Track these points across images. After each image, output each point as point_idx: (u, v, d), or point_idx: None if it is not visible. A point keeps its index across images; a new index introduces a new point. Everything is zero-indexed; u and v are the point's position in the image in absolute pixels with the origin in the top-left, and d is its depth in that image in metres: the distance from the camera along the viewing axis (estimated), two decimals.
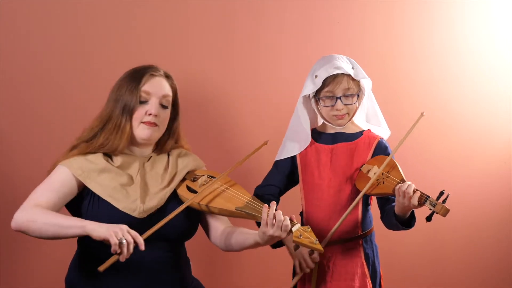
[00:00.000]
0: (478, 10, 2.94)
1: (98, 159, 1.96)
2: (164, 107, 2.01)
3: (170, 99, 2.04)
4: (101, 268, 1.69)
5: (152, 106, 1.97)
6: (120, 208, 1.89)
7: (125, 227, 1.74)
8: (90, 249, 1.94)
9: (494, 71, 2.97)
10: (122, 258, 1.71)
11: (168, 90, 2.03)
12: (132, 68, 2.05)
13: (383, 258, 2.24)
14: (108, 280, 1.92)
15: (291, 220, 1.82)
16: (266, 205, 1.83)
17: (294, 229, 1.80)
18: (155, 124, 1.98)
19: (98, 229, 1.73)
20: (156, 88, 2.00)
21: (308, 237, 1.80)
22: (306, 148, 2.19)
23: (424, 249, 2.96)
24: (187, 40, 2.68)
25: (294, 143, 2.21)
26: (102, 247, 1.90)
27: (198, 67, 2.69)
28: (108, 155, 2.00)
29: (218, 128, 2.72)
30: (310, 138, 2.19)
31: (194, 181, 2.03)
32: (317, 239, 1.80)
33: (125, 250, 1.70)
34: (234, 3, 2.71)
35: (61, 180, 1.92)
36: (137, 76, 2.00)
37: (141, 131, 1.98)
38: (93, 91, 2.48)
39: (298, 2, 2.77)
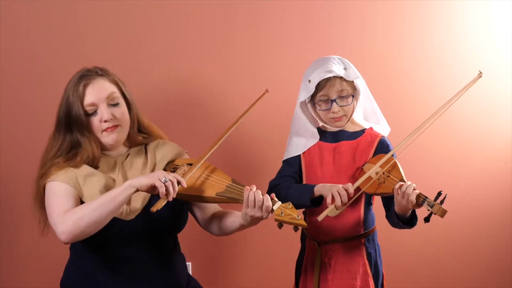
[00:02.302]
0: (478, 10, 2.93)
1: (82, 166, 1.94)
2: (114, 105, 1.95)
3: (116, 94, 1.96)
4: (154, 208, 1.75)
5: (103, 112, 1.92)
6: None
7: (161, 171, 1.84)
8: (82, 253, 1.95)
9: (494, 71, 2.97)
10: (169, 198, 1.77)
11: (109, 88, 1.95)
12: (67, 83, 1.98)
13: (385, 257, 2.24)
14: (102, 282, 1.92)
15: (271, 199, 1.82)
16: (247, 186, 1.83)
17: (275, 207, 1.80)
18: (115, 126, 1.95)
19: (141, 180, 1.78)
20: (96, 93, 1.92)
21: (290, 213, 1.80)
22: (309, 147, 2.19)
23: (425, 249, 2.95)
24: (187, 40, 2.68)
25: (302, 139, 2.21)
26: (95, 250, 1.91)
27: (198, 67, 2.69)
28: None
29: (218, 128, 2.72)
30: (318, 136, 2.19)
31: (174, 171, 2.01)
32: (299, 215, 1.79)
33: (170, 189, 1.77)
34: (234, 3, 2.71)
35: (64, 190, 1.88)
36: (74, 92, 1.92)
37: (106, 138, 1.95)
38: None
39: (298, 2, 2.77)
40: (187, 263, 2.14)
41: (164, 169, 2.03)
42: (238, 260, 2.79)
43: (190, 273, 2.19)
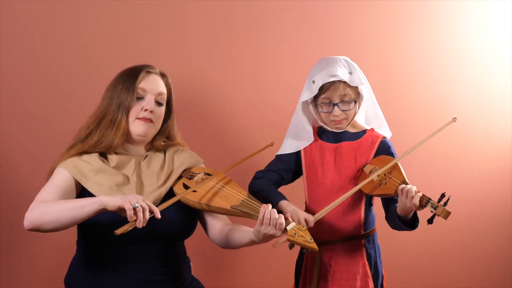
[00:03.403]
0: (478, 10, 2.94)
1: (94, 159, 1.97)
2: (159, 104, 2.04)
3: (165, 97, 2.07)
4: (118, 231, 1.71)
5: (148, 102, 2.00)
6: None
7: (138, 195, 1.78)
8: (89, 251, 1.95)
9: (494, 71, 2.97)
10: (138, 224, 1.73)
11: (163, 88, 2.06)
12: (128, 67, 2.07)
13: (385, 258, 2.24)
14: (106, 280, 1.92)
15: (286, 218, 1.83)
16: (264, 205, 1.84)
17: (288, 227, 1.81)
18: (150, 120, 2.01)
19: (112, 199, 1.75)
20: (152, 85, 2.03)
21: (303, 235, 1.80)
22: (310, 145, 2.20)
23: (425, 249, 2.96)
24: (187, 40, 2.68)
25: (297, 140, 2.22)
26: (101, 248, 1.91)
27: (198, 67, 2.69)
28: (104, 156, 2.00)
29: (218, 128, 2.72)
30: (312, 138, 2.20)
31: (190, 178, 2.03)
32: (312, 238, 1.80)
33: (140, 215, 1.72)
34: (234, 3, 2.71)
35: (61, 180, 1.93)
36: (133, 73, 2.02)
37: (136, 127, 2.00)
38: (92, 91, 2.46)
39: (298, 2, 2.77)
40: None
41: (181, 176, 2.06)
42: (238, 260, 2.79)
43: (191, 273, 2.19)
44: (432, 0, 2.89)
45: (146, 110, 1.99)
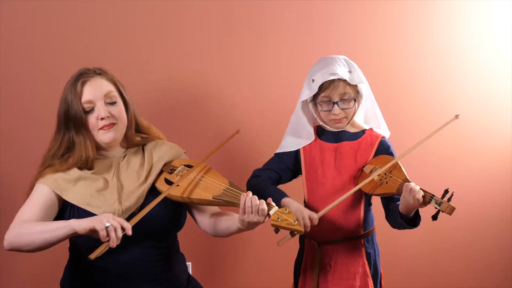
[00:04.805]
0: (478, 10, 2.93)
1: (72, 170, 1.94)
2: (111, 103, 1.96)
3: (114, 93, 1.98)
4: (92, 255, 1.68)
5: (99, 110, 1.93)
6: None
7: (109, 214, 1.73)
8: (81, 255, 1.94)
9: (494, 71, 2.97)
10: (112, 244, 1.69)
11: (107, 87, 1.97)
12: (65, 83, 2.00)
13: (384, 258, 2.24)
14: (101, 282, 1.92)
15: (268, 203, 1.82)
16: (244, 193, 1.83)
17: (271, 212, 1.80)
18: (112, 124, 1.95)
19: (82, 222, 1.72)
20: (94, 92, 1.94)
21: (286, 218, 1.80)
22: (310, 144, 2.20)
23: (424, 249, 2.95)
24: (187, 40, 2.68)
25: (296, 138, 2.22)
26: (90, 252, 1.90)
27: (198, 67, 2.69)
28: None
29: (218, 128, 2.72)
30: (313, 137, 2.20)
31: (171, 173, 2.01)
32: (296, 220, 1.79)
33: (112, 234, 1.68)
34: (234, 3, 2.71)
35: (41, 197, 1.91)
36: (71, 90, 1.94)
37: (102, 137, 1.96)
38: None
39: (298, 2, 2.77)
40: (187, 263, 2.14)
41: (162, 170, 2.04)
42: (238, 260, 2.79)
43: (190, 273, 2.19)
44: (432, 0, 2.89)
45: (102, 118, 1.93)
